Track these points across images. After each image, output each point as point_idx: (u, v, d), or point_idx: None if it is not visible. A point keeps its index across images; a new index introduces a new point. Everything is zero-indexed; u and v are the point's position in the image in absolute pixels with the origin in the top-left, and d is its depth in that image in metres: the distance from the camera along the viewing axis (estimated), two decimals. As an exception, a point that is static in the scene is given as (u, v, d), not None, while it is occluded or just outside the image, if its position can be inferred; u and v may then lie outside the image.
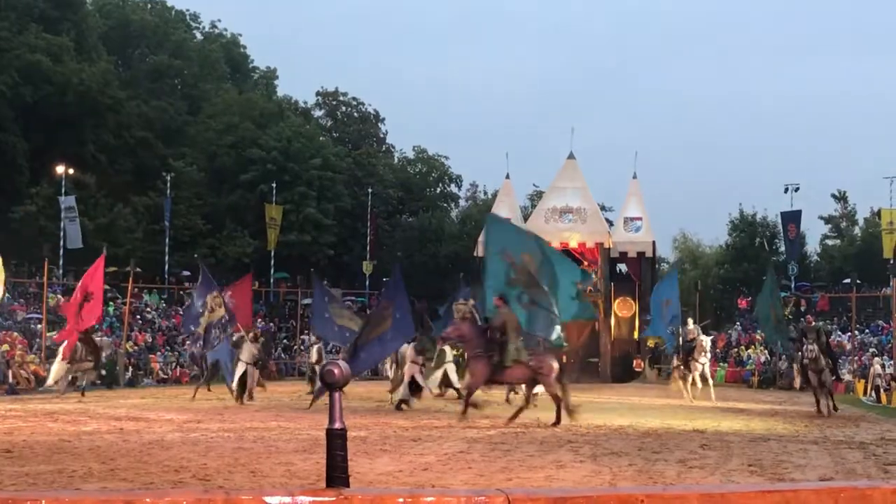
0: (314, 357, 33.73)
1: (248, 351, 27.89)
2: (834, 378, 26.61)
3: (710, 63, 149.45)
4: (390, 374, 28.90)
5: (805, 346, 25.72)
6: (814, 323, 26.61)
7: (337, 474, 4.74)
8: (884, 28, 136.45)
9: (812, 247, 68.50)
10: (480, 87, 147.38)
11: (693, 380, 31.36)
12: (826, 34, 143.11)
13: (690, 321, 34.67)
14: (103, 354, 34.13)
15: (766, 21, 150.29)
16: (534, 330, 21.32)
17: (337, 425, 4.85)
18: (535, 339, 21.25)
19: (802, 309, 53.23)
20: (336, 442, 4.80)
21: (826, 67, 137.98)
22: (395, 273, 25.92)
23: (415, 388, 26.39)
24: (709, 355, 33.20)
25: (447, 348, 29.93)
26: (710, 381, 31.85)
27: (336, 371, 4.93)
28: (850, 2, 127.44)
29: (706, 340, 32.38)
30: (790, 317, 52.36)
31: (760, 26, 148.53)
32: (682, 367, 32.49)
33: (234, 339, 28.96)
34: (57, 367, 30.23)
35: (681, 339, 33.88)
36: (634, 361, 51.23)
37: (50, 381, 31.14)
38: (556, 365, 21.13)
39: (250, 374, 27.89)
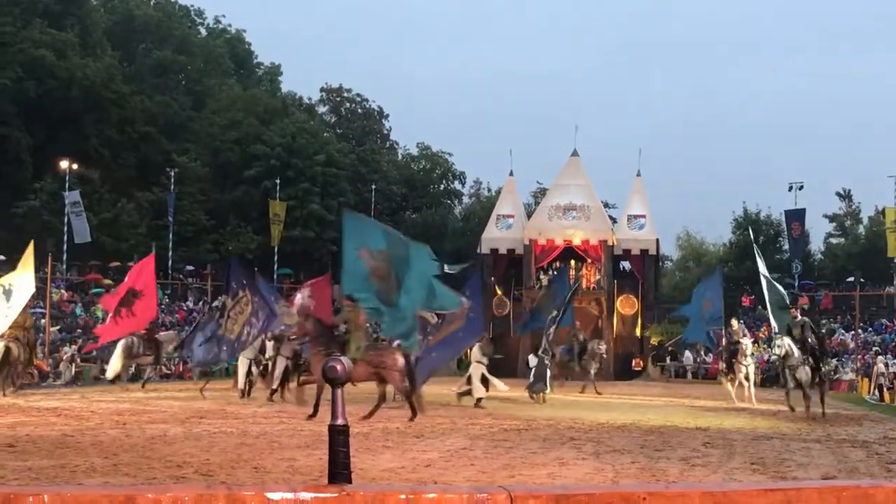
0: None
1: (289, 347, 27.85)
2: (817, 379, 24.87)
3: (715, 61, 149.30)
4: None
5: (773, 343, 25.45)
6: (799, 317, 25.83)
7: (339, 471, 4.74)
8: (890, 25, 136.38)
9: (816, 245, 68.54)
10: (484, 85, 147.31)
11: (739, 381, 30.97)
12: (831, 32, 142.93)
13: (735, 322, 34.56)
14: (167, 348, 34.61)
15: (771, 19, 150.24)
16: (392, 329, 21.50)
17: (339, 422, 4.84)
18: (383, 339, 21.47)
19: (806, 307, 53.27)
20: (338, 438, 4.80)
21: (831, 65, 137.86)
22: (475, 276, 26.74)
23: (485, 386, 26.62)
24: (754, 357, 33.17)
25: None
26: (752, 383, 31.21)
27: (339, 367, 4.92)
28: (858, 1, 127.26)
29: (748, 343, 32.01)
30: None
31: (765, 25, 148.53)
32: (725, 368, 32.22)
33: (275, 333, 28.85)
34: (116, 362, 31.32)
35: (724, 340, 33.73)
36: (633, 361, 51.20)
37: (109, 375, 32.13)
38: (400, 360, 21.07)
39: (288, 370, 27.65)
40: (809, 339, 24.32)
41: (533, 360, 29.41)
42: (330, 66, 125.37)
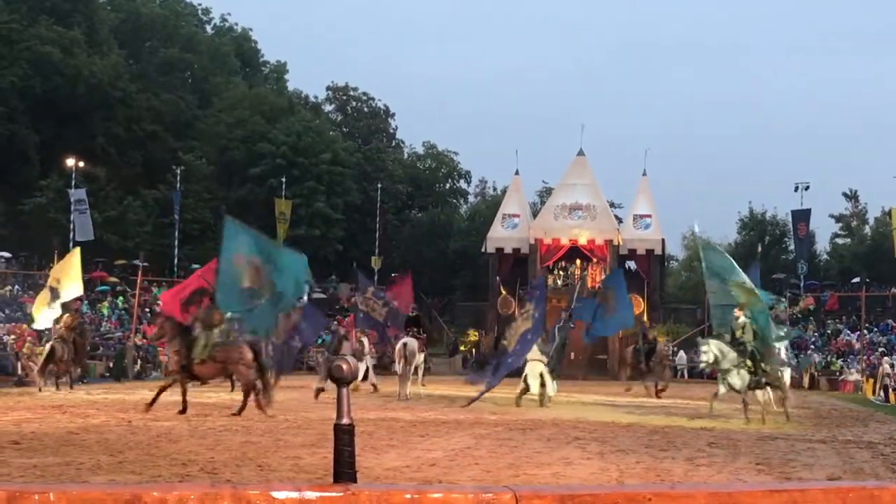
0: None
1: (348, 347, 28.11)
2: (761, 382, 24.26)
3: (721, 62, 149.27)
4: (399, 369, 28.82)
5: (699, 349, 25.09)
6: (742, 319, 24.29)
7: (344, 470, 4.74)
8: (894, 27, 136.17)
9: (822, 245, 68.50)
10: (491, 84, 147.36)
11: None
12: (838, 34, 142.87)
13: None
14: None
15: (778, 21, 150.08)
16: (254, 326, 21.83)
17: (345, 421, 4.85)
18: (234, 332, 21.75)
19: (812, 308, 53.21)
20: (343, 437, 4.80)
21: (838, 67, 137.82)
22: (540, 284, 29.57)
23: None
24: (792, 362, 32.99)
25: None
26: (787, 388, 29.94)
27: (344, 367, 4.92)
28: (863, 1, 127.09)
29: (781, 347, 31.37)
30: (800, 315, 52.33)
31: (771, 25, 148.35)
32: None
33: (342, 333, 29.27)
34: None
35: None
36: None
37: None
38: (248, 354, 21.11)
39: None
40: (750, 342, 23.16)
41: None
42: (336, 64, 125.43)
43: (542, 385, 26.31)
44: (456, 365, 51.28)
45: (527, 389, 26.17)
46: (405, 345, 28.05)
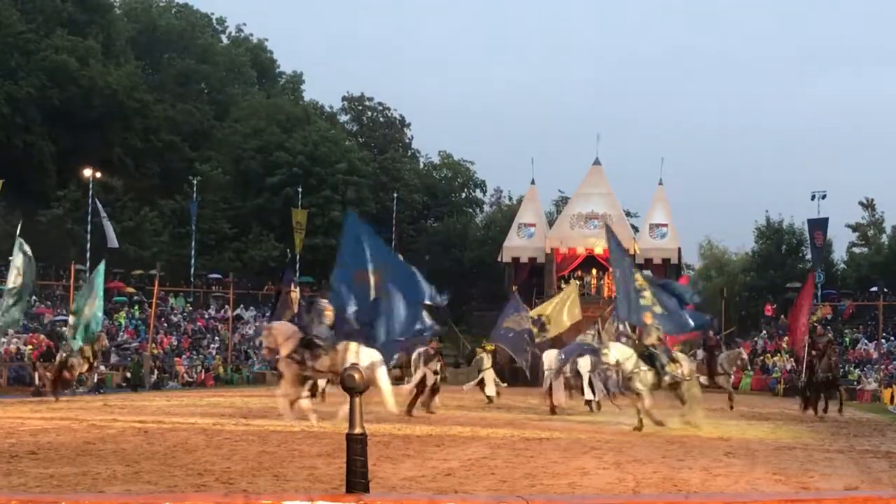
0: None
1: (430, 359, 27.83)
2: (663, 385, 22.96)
3: (737, 72, 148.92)
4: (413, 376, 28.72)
5: (601, 350, 24.46)
6: (650, 322, 23.15)
7: (357, 479, 4.73)
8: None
9: (839, 254, 68.12)
10: (506, 93, 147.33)
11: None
12: (851, 45, 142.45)
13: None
14: None
15: (794, 31, 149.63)
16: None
17: (357, 430, 4.84)
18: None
19: (829, 317, 52.95)
20: (356, 447, 4.79)
21: (854, 77, 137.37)
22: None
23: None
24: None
25: (485, 355, 30.82)
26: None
27: (356, 376, 4.92)
28: (877, 12, 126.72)
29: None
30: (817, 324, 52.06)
31: (788, 36, 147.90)
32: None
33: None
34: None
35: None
36: None
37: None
38: None
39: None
40: (655, 347, 22.53)
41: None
42: (351, 74, 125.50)
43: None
44: (472, 375, 51.11)
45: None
46: (420, 354, 27.95)
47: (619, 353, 22.44)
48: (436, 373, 26.97)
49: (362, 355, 20.51)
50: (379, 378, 20.54)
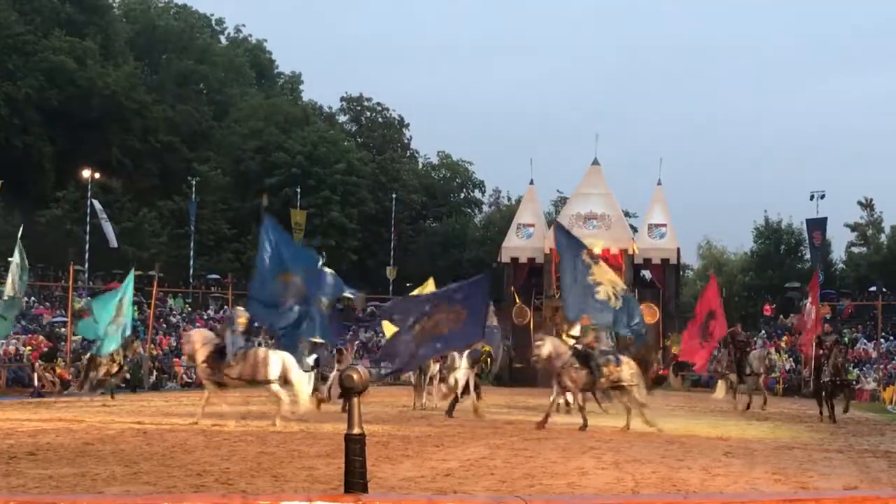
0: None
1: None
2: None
3: (738, 72, 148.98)
4: (413, 380, 28.80)
5: (534, 342, 24.00)
6: (593, 322, 22.88)
7: (355, 480, 4.73)
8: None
9: (838, 254, 68.14)
10: (505, 93, 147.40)
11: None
12: (854, 44, 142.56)
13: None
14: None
15: (794, 31, 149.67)
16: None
17: (355, 431, 4.83)
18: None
19: (828, 317, 52.92)
20: (354, 447, 4.79)
21: (852, 77, 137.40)
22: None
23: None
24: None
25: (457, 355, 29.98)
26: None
27: (355, 377, 4.92)
28: (876, 12, 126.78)
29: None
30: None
31: (788, 36, 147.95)
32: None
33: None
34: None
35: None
36: (654, 370, 50.11)
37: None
38: None
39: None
40: (592, 348, 22.26)
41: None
42: (350, 75, 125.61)
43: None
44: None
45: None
46: (469, 355, 27.66)
47: (552, 347, 22.18)
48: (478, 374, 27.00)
49: (272, 361, 21.20)
50: (293, 379, 21.23)
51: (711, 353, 31.59)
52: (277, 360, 21.06)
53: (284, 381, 21.25)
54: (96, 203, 52.75)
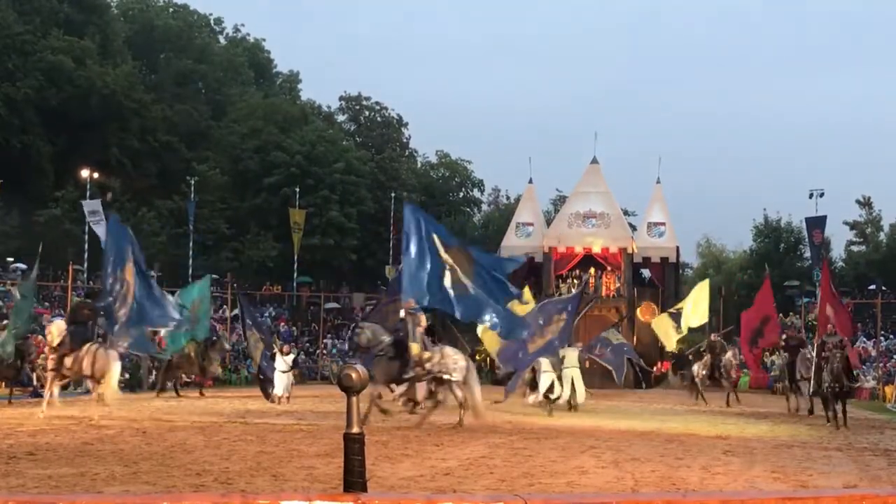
0: None
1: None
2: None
3: (738, 71, 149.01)
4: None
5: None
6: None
7: (354, 479, 4.72)
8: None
9: (837, 252, 68.20)
10: (504, 92, 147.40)
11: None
12: (852, 43, 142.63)
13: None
14: None
15: (792, 32, 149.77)
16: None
17: (354, 430, 4.83)
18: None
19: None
20: (353, 446, 4.78)
21: (851, 75, 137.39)
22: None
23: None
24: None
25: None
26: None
27: (354, 375, 4.91)
28: (873, 11, 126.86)
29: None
30: (815, 323, 52.05)
31: (788, 35, 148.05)
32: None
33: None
34: None
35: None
36: (654, 368, 50.03)
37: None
38: None
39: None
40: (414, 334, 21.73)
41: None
42: (348, 74, 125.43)
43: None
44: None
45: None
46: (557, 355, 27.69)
47: (371, 335, 21.45)
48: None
49: (98, 357, 22.23)
50: (109, 374, 22.33)
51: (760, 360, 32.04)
52: (102, 356, 22.22)
53: None
54: (86, 206, 52.52)
